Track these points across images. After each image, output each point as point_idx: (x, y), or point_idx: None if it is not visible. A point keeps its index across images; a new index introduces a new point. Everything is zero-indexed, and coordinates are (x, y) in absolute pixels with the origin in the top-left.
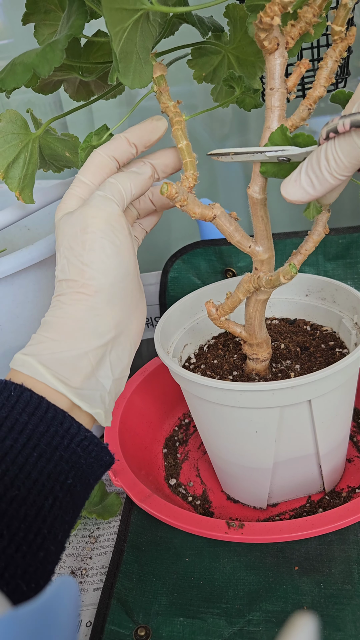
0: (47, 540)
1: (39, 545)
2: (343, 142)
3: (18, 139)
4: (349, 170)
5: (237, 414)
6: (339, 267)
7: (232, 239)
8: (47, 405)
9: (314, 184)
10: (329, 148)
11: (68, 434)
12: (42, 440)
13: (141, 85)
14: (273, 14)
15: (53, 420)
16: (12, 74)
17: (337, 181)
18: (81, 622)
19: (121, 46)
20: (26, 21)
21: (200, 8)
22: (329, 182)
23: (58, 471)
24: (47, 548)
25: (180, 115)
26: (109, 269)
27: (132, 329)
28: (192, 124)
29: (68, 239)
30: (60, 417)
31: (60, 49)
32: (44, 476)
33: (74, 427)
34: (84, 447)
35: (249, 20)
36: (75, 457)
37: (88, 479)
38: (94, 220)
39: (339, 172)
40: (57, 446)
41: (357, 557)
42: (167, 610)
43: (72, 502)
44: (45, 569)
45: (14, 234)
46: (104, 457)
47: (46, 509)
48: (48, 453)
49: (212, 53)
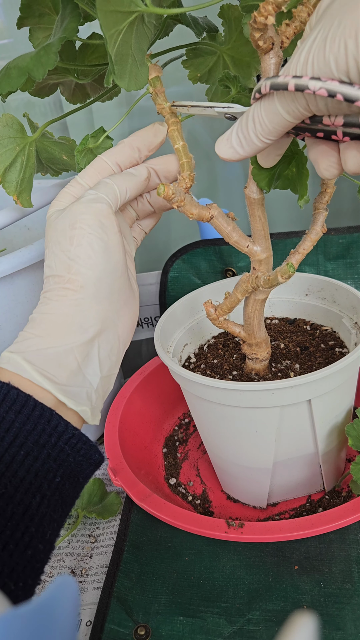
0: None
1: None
2: (267, 105)
3: (15, 143)
4: (274, 134)
5: (237, 414)
6: (339, 267)
7: (230, 239)
8: (34, 403)
9: (242, 144)
10: (256, 110)
11: (55, 432)
12: (29, 439)
13: (137, 87)
14: (267, 14)
15: (40, 418)
16: (7, 78)
17: (263, 144)
18: (81, 621)
19: (116, 48)
20: (21, 25)
21: (195, 9)
22: (256, 144)
23: (46, 469)
24: (35, 547)
25: (176, 116)
26: (96, 264)
27: (120, 326)
28: (191, 124)
29: (57, 234)
30: (47, 415)
31: (54, 52)
32: (31, 474)
33: (61, 425)
34: (72, 445)
35: (244, 21)
36: (63, 455)
37: (77, 477)
38: (83, 216)
39: (264, 135)
40: (45, 444)
41: (356, 557)
42: (167, 609)
43: (60, 500)
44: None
45: (14, 233)
46: (93, 456)
47: (34, 507)
48: (35, 451)
49: (207, 53)
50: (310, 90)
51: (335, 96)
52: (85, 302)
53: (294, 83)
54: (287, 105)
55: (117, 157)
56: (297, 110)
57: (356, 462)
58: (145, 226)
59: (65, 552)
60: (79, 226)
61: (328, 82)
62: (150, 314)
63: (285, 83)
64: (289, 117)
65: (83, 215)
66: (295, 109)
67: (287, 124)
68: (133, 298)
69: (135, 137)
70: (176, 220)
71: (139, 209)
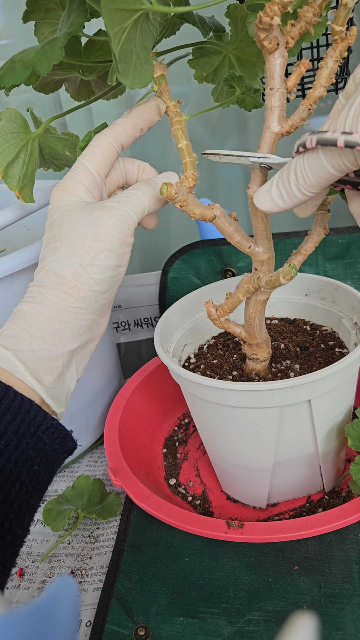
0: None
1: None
2: (311, 159)
3: (18, 138)
4: (316, 188)
5: (237, 414)
6: (339, 267)
7: (232, 239)
8: (14, 394)
9: (284, 197)
10: (298, 163)
11: (34, 422)
12: (10, 429)
13: (141, 85)
14: (273, 14)
15: (20, 408)
16: (11, 72)
17: (304, 197)
18: (81, 621)
19: (121, 46)
20: (26, 19)
21: (201, 8)
22: (297, 197)
23: (25, 458)
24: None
25: (180, 115)
26: (103, 280)
27: (97, 333)
28: (192, 124)
29: (74, 235)
30: (27, 406)
31: (59, 47)
32: (11, 463)
33: (40, 416)
34: (49, 434)
35: (249, 20)
36: (41, 444)
37: (52, 465)
38: (109, 231)
39: (306, 188)
40: (24, 434)
41: (356, 557)
42: (167, 609)
43: (37, 486)
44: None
45: (14, 234)
46: (68, 443)
47: (13, 494)
48: (15, 441)
49: (213, 53)
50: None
51: None
52: (82, 312)
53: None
54: (333, 159)
55: (122, 137)
56: (343, 165)
57: (356, 463)
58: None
59: (65, 553)
60: (102, 240)
61: None
62: (150, 314)
63: (334, 139)
64: (334, 171)
65: (110, 231)
66: (342, 164)
67: (331, 178)
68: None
69: (136, 114)
70: (176, 220)
71: None
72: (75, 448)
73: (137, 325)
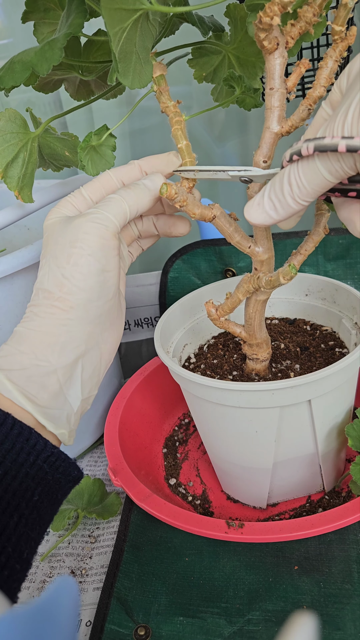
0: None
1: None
2: (306, 167)
3: (17, 138)
4: (312, 196)
5: (237, 414)
6: (339, 267)
7: (232, 239)
8: (12, 421)
9: (277, 208)
10: (292, 172)
11: (34, 451)
12: (7, 458)
13: (141, 85)
14: (272, 14)
15: (18, 437)
16: (11, 72)
17: (299, 206)
18: (81, 621)
19: (120, 46)
20: (25, 19)
21: (200, 8)
22: (292, 207)
23: (24, 488)
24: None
25: (180, 115)
26: (89, 287)
27: (104, 347)
28: (192, 124)
29: (56, 248)
30: (26, 434)
31: (59, 48)
32: (9, 494)
33: (40, 444)
34: (50, 463)
35: (249, 20)
36: (42, 474)
37: (55, 495)
38: (85, 236)
39: (301, 197)
40: (23, 463)
41: (356, 557)
42: (167, 609)
43: (38, 518)
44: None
45: (14, 233)
46: (72, 472)
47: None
48: (13, 470)
49: (212, 53)
50: None
51: None
52: (72, 323)
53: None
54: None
55: (125, 176)
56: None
57: (356, 463)
58: (144, 243)
59: (65, 553)
60: (79, 245)
61: None
62: (150, 314)
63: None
64: (332, 177)
65: (86, 235)
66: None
67: (327, 185)
68: (120, 318)
69: (147, 162)
70: None
71: (143, 230)
72: (81, 477)
73: (137, 325)
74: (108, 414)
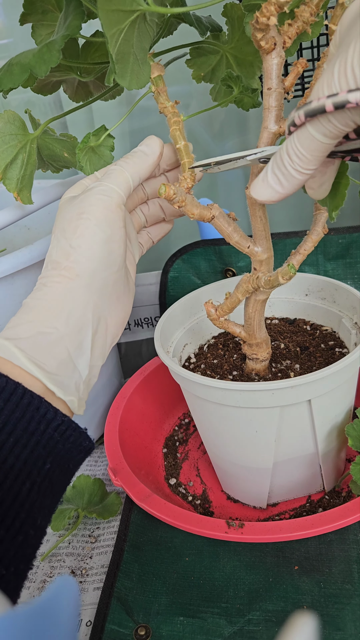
0: (26, 525)
1: (17, 529)
2: (301, 136)
3: (16, 140)
4: (313, 163)
5: (237, 414)
6: (339, 267)
7: (231, 239)
8: (23, 391)
9: (281, 181)
10: (290, 143)
11: (44, 420)
12: (18, 427)
13: (139, 86)
14: (269, 14)
15: (29, 406)
16: (9, 74)
17: (303, 176)
18: (81, 621)
19: (118, 47)
20: (23, 21)
21: (197, 8)
22: (296, 177)
23: (35, 457)
24: (26, 532)
25: (178, 116)
26: (94, 256)
27: (110, 320)
28: (192, 124)
29: (64, 222)
30: (36, 403)
31: (57, 49)
32: (20, 462)
33: (50, 413)
34: (61, 432)
35: (246, 20)
36: (53, 443)
37: (67, 465)
38: (91, 207)
39: (303, 166)
40: (34, 432)
41: (356, 557)
42: (167, 609)
43: (50, 487)
44: (25, 553)
45: (14, 233)
46: (83, 442)
47: (24, 494)
48: (24, 439)
49: (210, 53)
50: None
51: None
52: (78, 292)
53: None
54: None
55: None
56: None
57: (356, 463)
58: (155, 234)
59: (65, 552)
60: (85, 217)
61: None
62: (150, 314)
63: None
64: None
65: (91, 207)
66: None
67: (326, 147)
68: (127, 296)
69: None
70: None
71: (149, 214)
72: (92, 447)
73: (137, 325)
74: (108, 414)
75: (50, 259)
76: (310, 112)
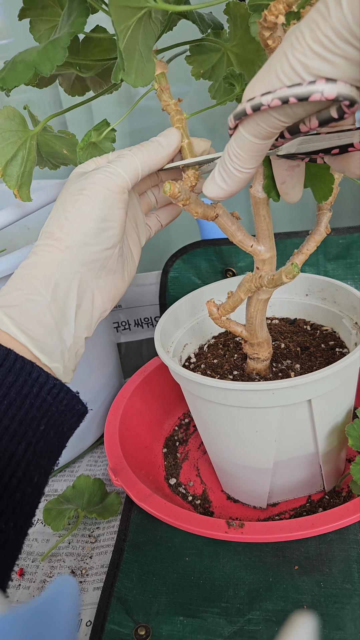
0: (23, 483)
1: (14, 486)
2: (237, 137)
3: (16, 136)
4: (250, 163)
5: (237, 414)
6: (339, 267)
7: (234, 238)
8: (15, 356)
9: (225, 180)
10: (229, 144)
11: (37, 383)
12: (12, 390)
13: (144, 84)
14: (278, 12)
15: (21, 370)
16: (13, 73)
17: (244, 174)
18: (81, 621)
19: (125, 44)
20: (22, 16)
21: (203, 7)
22: (237, 176)
23: (29, 418)
24: (24, 490)
25: (181, 114)
26: (86, 231)
27: (98, 294)
28: (192, 122)
29: (66, 195)
30: (28, 367)
31: (62, 47)
32: (15, 423)
33: (42, 377)
34: (53, 395)
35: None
36: (46, 405)
37: (62, 427)
38: (93, 185)
39: (242, 165)
40: (27, 394)
41: (357, 557)
42: (167, 609)
43: (46, 448)
44: (23, 509)
45: (14, 233)
46: (76, 406)
47: (20, 453)
48: (18, 401)
49: (211, 50)
50: (265, 106)
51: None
52: (66, 263)
53: (249, 105)
54: (251, 128)
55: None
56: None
57: (356, 462)
58: (163, 218)
59: (65, 552)
60: (85, 193)
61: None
62: (150, 314)
63: (243, 109)
64: (257, 139)
65: (94, 185)
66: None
67: (259, 147)
68: (120, 275)
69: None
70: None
71: (160, 196)
72: (85, 412)
73: (137, 325)
74: (108, 414)
75: (46, 229)
76: (237, 116)
